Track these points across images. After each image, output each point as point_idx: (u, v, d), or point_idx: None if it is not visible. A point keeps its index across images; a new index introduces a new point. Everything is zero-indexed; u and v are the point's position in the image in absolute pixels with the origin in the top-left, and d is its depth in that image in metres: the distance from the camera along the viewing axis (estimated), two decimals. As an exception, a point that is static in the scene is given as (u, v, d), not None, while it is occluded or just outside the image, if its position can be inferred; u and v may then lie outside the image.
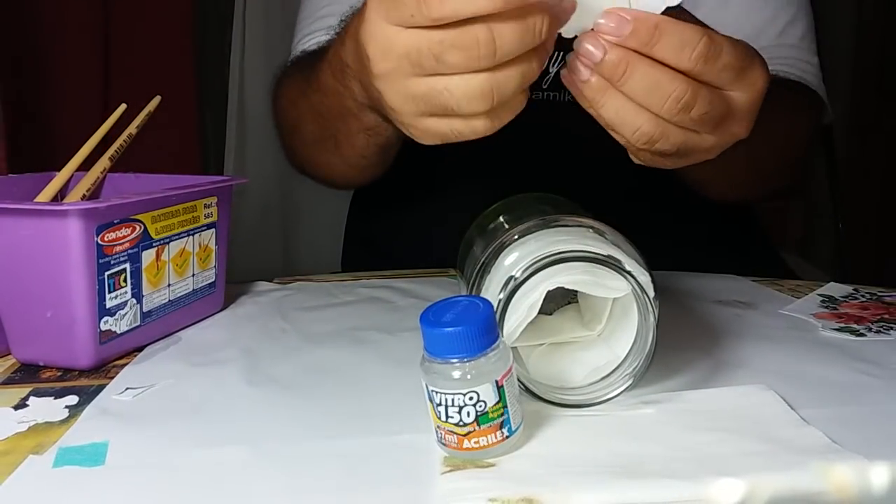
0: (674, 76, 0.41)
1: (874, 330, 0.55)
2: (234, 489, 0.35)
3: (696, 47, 0.40)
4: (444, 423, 0.36)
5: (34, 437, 0.40)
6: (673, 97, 0.41)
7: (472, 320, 0.35)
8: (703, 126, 0.43)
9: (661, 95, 0.41)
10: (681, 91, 0.41)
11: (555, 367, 0.43)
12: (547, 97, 0.78)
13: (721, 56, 0.41)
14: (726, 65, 0.42)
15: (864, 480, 0.34)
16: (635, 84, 0.41)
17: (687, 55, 0.40)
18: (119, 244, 0.49)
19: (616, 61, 0.41)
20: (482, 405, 0.35)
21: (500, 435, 0.36)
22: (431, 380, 0.36)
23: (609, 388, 0.41)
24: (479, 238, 0.49)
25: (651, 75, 0.41)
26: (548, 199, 0.51)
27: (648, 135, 0.43)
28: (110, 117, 0.65)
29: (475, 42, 0.39)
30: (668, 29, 0.40)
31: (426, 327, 0.36)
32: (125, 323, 0.51)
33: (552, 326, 0.45)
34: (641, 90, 0.41)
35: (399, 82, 0.42)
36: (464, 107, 0.41)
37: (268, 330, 0.58)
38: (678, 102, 0.41)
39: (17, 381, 0.48)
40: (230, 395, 0.46)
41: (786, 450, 0.36)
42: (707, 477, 0.34)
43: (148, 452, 0.38)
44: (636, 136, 0.43)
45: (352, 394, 0.45)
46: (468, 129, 0.43)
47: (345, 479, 0.35)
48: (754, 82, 0.44)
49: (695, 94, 0.41)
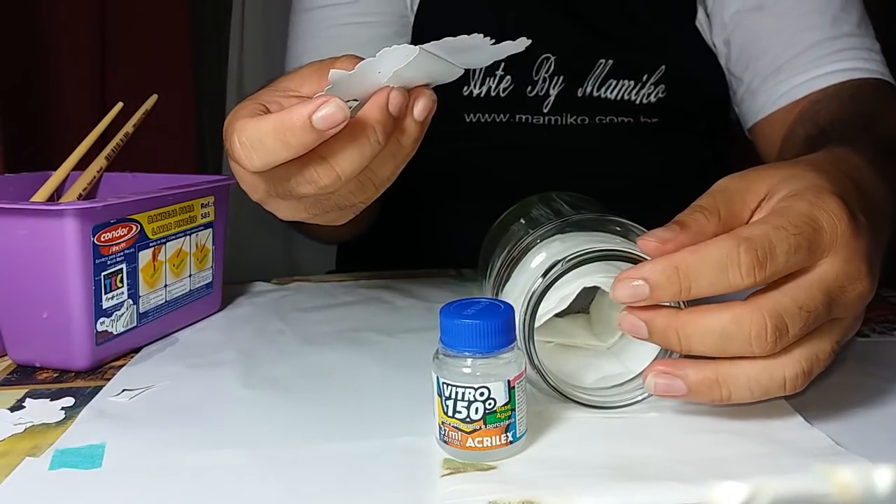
0: (738, 310, 0.34)
1: (878, 331, 0.55)
2: (231, 492, 0.34)
3: (741, 261, 0.34)
4: (450, 419, 0.36)
5: (30, 439, 0.40)
6: (755, 334, 0.34)
7: (491, 317, 0.35)
8: (814, 322, 0.35)
9: (741, 339, 0.34)
10: (758, 323, 0.34)
11: (565, 367, 0.42)
12: (548, 121, 0.78)
13: (774, 246, 0.34)
14: (790, 248, 0.34)
15: (868, 483, 0.34)
16: (703, 341, 0.35)
17: (736, 276, 0.34)
18: (115, 244, 0.49)
19: (663, 330, 0.36)
20: (491, 403, 0.35)
21: (504, 438, 0.35)
22: (443, 372, 0.36)
23: (625, 394, 0.41)
24: (508, 233, 0.48)
25: (710, 323, 0.35)
26: (582, 198, 0.51)
27: (775, 381, 0.36)
28: (107, 116, 0.65)
29: (316, 176, 0.40)
30: (694, 261, 0.34)
31: (445, 318, 0.36)
32: (122, 324, 0.51)
33: (563, 329, 0.45)
34: (714, 344, 0.35)
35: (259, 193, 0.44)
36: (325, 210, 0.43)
37: (265, 331, 0.57)
38: (765, 337, 0.34)
39: (14, 382, 0.48)
40: (227, 397, 0.45)
41: (789, 452, 0.36)
42: (710, 479, 0.33)
43: (145, 455, 0.38)
44: (788, 384, 0.36)
45: (350, 396, 0.45)
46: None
47: (343, 482, 0.35)
48: (835, 222, 0.36)
49: (775, 312, 0.34)
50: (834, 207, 0.36)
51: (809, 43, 0.70)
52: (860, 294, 0.36)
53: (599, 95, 0.77)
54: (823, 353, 0.36)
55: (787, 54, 0.70)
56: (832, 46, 0.69)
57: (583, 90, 0.76)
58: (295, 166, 0.40)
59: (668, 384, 0.36)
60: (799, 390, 0.36)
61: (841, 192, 0.37)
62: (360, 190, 0.43)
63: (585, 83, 0.76)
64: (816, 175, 0.38)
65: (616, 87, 0.76)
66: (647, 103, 0.77)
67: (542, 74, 0.76)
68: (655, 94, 0.76)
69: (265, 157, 0.39)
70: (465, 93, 0.77)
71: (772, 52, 0.71)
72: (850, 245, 0.35)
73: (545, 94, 0.77)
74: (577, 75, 0.76)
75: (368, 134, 0.39)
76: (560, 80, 0.76)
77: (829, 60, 0.69)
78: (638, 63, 0.76)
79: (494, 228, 0.52)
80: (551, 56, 0.76)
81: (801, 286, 0.35)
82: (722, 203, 0.38)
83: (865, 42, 0.70)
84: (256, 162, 0.39)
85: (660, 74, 0.76)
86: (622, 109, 0.77)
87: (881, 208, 0.42)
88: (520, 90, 0.77)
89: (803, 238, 0.35)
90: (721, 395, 0.36)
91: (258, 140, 0.38)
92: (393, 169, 0.43)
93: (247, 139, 0.39)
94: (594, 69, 0.76)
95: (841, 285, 0.35)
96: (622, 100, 0.77)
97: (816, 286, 0.35)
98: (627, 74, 0.76)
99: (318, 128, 0.36)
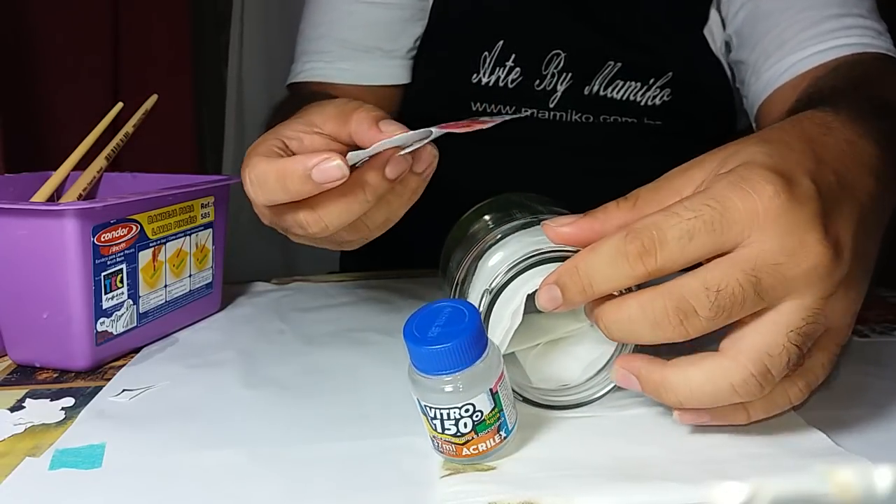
0: (643, 295, 0.34)
1: (878, 331, 0.55)
2: (232, 492, 0.34)
3: (627, 251, 0.34)
4: (441, 434, 0.35)
5: (30, 440, 0.40)
6: (659, 317, 0.33)
7: (459, 333, 0.33)
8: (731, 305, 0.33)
9: (646, 323, 0.34)
10: (659, 306, 0.33)
11: (553, 366, 0.43)
12: (553, 117, 0.78)
13: (665, 232, 0.33)
14: (683, 233, 0.33)
15: (868, 483, 0.34)
16: (619, 332, 0.35)
17: (625, 267, 0.34)
18: (115, 244, 0.49)
19: (591, 316, 0.36)
20: (479, 415, 0.34)
21: (497, 439, 0.35)
22: (423, 395, 0.35)
23: (603, 383, 0.41)
24: (456, 248, 0.49)
25: (621, 312, 0.34)
26: (510, 201, 0.51)
27: (721, 386, 0.34)
28: (107, 116, 0.64)
29: (305, 223, 0.43)
30: (590, 258, 0.35)
31: (412, 345, 0.34)
32: (122, 324, 0.51)
33: (544, 324, 0.45)
34: (625, 331, 0.35)
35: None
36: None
37: (265, 331, 0.57)
38: (667, 319, 0.33)
39: (14, 382, 0.48)
40: (227, 397, 0.45)
41: (789, 452, 0.36)
42: (710, 480, 0.33)
43: (145, 455, 0.38)
44: (739, 390, 0.34)
45: (350, 396, 0.45)
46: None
47: (343, 482, 0.35)
48: (754, 197, 0.33)
49: (675, 293, 0.33)
50: (756, 181, 0.33)
51: (816, 19, 0.67)
52: (810, 268, 0.33)
53: (605, 95, 0.77)
54: (773, 347, 0.33)
55: (793, 30, 0.68)
56: (840, 23, 0.66)
57: (590, 88, 0.77)
58: (290, 209, 0.43)
59: (625, 377, 0.37)
60: (759, 395, 0.34)
61: (777, 162, 0.34)
62: (354, 232, 0.45)
63: (593, 82, 0.76)
64: (756, 148, 0.35)
65: (622, 88, 0.76)
66: (652, 105, 0.77)
67: (550, 70, 0.76)
68: (661, 98, 0.76)
69: (267, 196, 0.42)
70: (473, 80, 0.78)
71: (777, 29, 0.69)
72: (783, 217, 0.32)
73: (552, 89, 0.77)
74: (586, 74, 0.76)
75: (358, 193, 0.41)
76: (568, 76, 0.76)
77: (835, 36, 0.66)
78: (646, 67, 0.76)
79: (442, 253, 0.53)
80: (561, 53, 0.76)
81: (712, 267, 0.33)
82: (646, 192, 0.37)
83: (875, 24, 0.67)
84: (260, 198, 0.43)
85: (667, 79, 0.76)
86: (627, 110, 0.77)
87: (861, 163, 0.37)
88: (528, 83, 0.77)
89: (700, 221, 0.32)
90: (669, 399, 0.35)
91: (263, 180, 0.41)
92: (387, 216, 0.45)
93: (255, 177, 0.42)
94: (602, 69, 0.76)
95: (774, 262, 0.32)
96: (627, 100, 0.77)
97: (731, 265, 0.32)
98: (635, 76, 0.76)
99: (316, 180, 0.39)
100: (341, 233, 0.44)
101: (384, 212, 0.44)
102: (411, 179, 0.43)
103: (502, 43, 0.76)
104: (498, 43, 0.76)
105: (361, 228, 0.45)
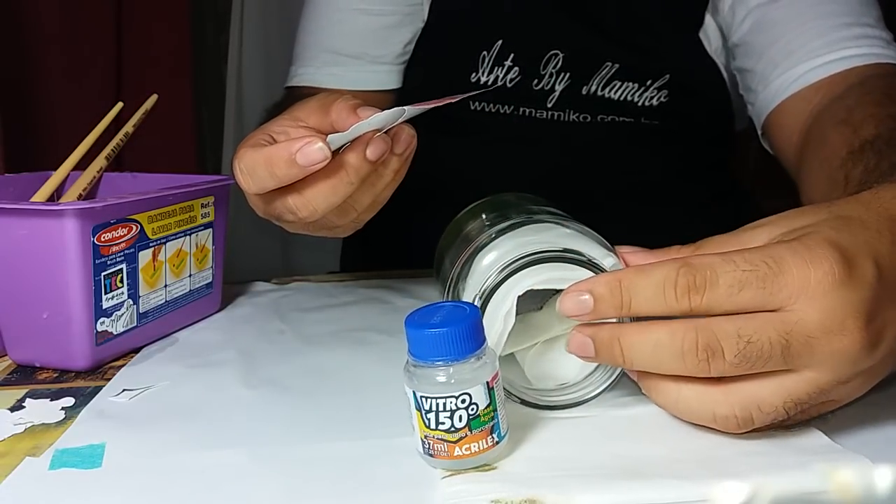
0: (675, 324, 0.34)
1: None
2: (232, 492, 0.34)
3: (677, 282, 0.34)
4: (434, 431, 0.35)
5: (30, 439, 0.40)
6: (687, 349, 0.34)
7: (459, 321, 0.34)
8: (757, 358, 0.33)
9: (673, 352, 0.34)
10: (690, 339, 0.34)
11: (551, 365, 0.42)
12: (551, 116, 0.78)
13: (717, 276, 0.33)
14: (735, 282, 0.33)
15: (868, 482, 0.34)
16: (641, 350, 0.35)
17: (671, 296, 0.34)
18: (115, 244, 0.49)
19: (607, 341, 0.36)
20: (474, 408, 0.34)
21: (490, 440, 0.35)
22: (418, 385, 0.35)
23: (601, 380, 0.41)
24: (450, 248, 0.50)
25: (648, 334, 0.35)
26: (505, 201, 0.51)
27: (704, 410, 0.36)
28: (106, 116, 0.64)
29: (294, 207, 0.45)
30: (637, 277, 0.35)
31: (412, 329, 0.35)
32: (122, 324, 0.51)
33: (541, 323, 0.45)
34: (649, 355, 0.35)
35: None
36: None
37: (265, 331, 0.57)
38: (695, 353, 0.33)
39: (14, 382, 0.48)
40: (227, 397, 0.45)
41: (789, 451, 0.36)
42: (710, 478, 0.33)
43: (145, 455, 0.38)
44: (718, 421, 0.36)
45: (350, 396, 0.45)
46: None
47: (343, 482, 0.35)
48: (809, 268, 0.33)
49: (709, 331, 0.33)
50: (817, 252, 0.33)
51: (825, 28, 0.67)
52: (840, 351, 0.33)
53: (603, 95, 0.77)
54: (767, 405, 0.34)
55: (802, 39, 0.67)
56: (849, 32, 0.66)
57: (587, 88, 0.77)
58: (279, 196, 0.45)
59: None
60: (736, 432, 0.36)
61: (844, 238, 0.34)
62: (343, 215, 0.47)
63: (591, 82, 0.77)
64: (828, 220, 0.35)
65: (620, 89, 0.77)
66: (649, 106, 0.77)
67: (549, 69, 0.76)
68: (658, 98, 0.77)
69: (257, 184, 0.44)
70: (472, 79, 0.78)
71: (785, 38, 0.68)
72: (830, 294, 0.32)
73: (550, 88, 0.77)
74: (584, 74, 0.76)
75: (342, 175, 0.43)
76: (566, 76, 0.76)
77: (845, 46, 0.66)
78: (643, 68, 0.76)
79: (436, 255, 0.53)
80: (559, 53, 0.76)
81: (752, 318, 0.33)
82: (712, 239, 0.39)
83: (882, 34, 0.67)
84: (251, 187, 0.45)
85: (664, 81, 0.76)
86: (624, 110, 0.77)
87: None
88: (526, 83, 0.77)
89: (755, 276, 0.33)
90: (652, 393, 0.37)
91: (252, 168, 0.44)
92: (373, 198, 0.47)
93: (245, 166, 0.44)
94: (600, 70, 0.76)
95: (809, 334, 0.33)
96: (625, 100, 0.77)
97: (770, 322, 0.33)
98: (632, 77, 0.76)
99: (300, 164, 0.41)
100: (330, 217, 0.46)
101: (369, 194, 0.46)
102: (392, 160, 0.46)
103: (501, 42, 0.76)
104: (497, 42, 0.76)
105: (349, 211, 0.47)
